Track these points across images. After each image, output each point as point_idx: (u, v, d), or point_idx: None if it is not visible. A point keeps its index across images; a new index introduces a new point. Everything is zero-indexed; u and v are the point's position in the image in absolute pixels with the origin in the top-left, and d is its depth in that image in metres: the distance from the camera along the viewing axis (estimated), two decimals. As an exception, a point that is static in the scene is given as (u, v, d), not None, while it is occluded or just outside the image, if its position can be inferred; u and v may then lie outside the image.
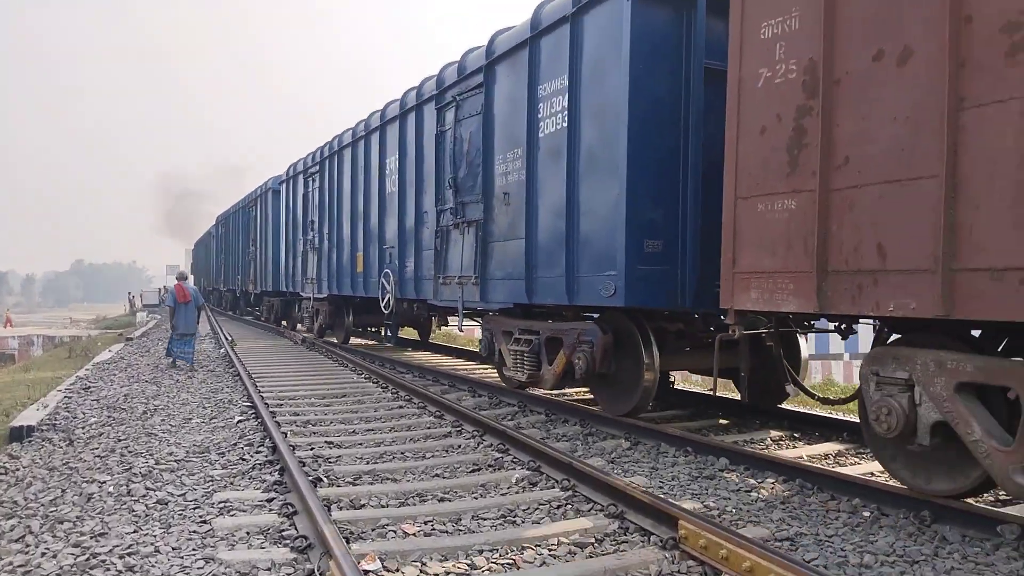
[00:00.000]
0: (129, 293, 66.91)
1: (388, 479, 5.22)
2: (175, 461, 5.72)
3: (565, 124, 7.07)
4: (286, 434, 6.49)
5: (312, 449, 6.03)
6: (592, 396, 7.94)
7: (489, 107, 8.60)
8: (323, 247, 15.91)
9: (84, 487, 5.06)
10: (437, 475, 5.37)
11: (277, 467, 5.41)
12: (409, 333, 17.14)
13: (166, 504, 4.64)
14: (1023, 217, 3.54)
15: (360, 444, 6.39)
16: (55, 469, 5.67)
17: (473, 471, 5.50)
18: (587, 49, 6.85)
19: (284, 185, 20.38)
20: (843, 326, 5.28)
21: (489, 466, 5.58)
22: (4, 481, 5.51)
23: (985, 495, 4.63)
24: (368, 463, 5.64)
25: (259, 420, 7.15)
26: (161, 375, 11.14)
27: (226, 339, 15.89)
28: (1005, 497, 4.65)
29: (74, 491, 5.00)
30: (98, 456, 6.01)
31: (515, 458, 5.71)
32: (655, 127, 6.26)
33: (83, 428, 7.13)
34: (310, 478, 4.91)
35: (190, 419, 7.51)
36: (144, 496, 4.81)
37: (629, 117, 6.23)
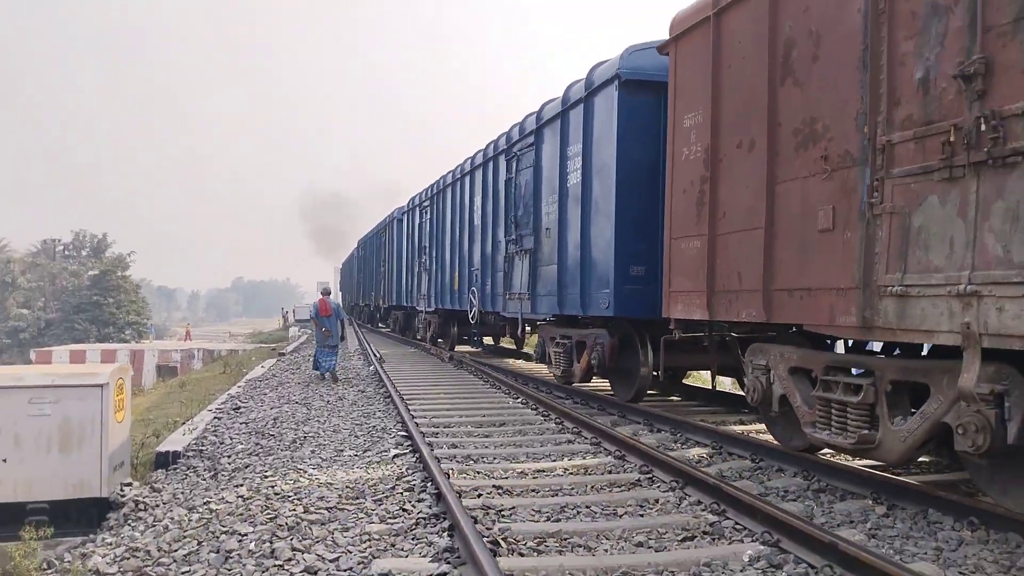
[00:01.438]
0: (283, 308, 73.23)
1: (579, 546, 4.29)
2: (326, 509, 5.06)
3: (580, 179, 9.34)
4: (448, 474, 5.64)
5: (480, 496, 5.24)
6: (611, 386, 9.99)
7: (538, 161, 10.99)
8: (432, 268, 18.83)
9: (223, 540, 4.62)
10: (640, 543, 4.35)
11: (445, 523, 4.65)
12: (508, 343, 19.69)
13: (315, 575, 4.00)
14: (803, 257, 5.49)
15: (534, 491, 5.48)
16: (195, 510, 5.48)
17: (685, 540, 4.43)
18: (595, 123, 9.10)
19: (406, 215, 23.67)
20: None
21: (705, 533, 4.53)
22: (142, 520, 5.59)
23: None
24: (550, 519, 4.78)
25: (417, 455, 6.47)
26: (311, 395, 10.95)
27: (375, 356, 15.81)
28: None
29: (211, 545, 4.61)
30: (241, 497, 5.60)
31: (737, 523, 4.63)
32: (636, 182, 8.41)
33: (229, 457, 7.04)
34: (486, 539, 4.11)
35: (342, 450, 7.04)
36: (290, 560, 4.17)
37: (616, 176, 8.43)
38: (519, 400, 10.08)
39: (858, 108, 4.96)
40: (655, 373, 8.99)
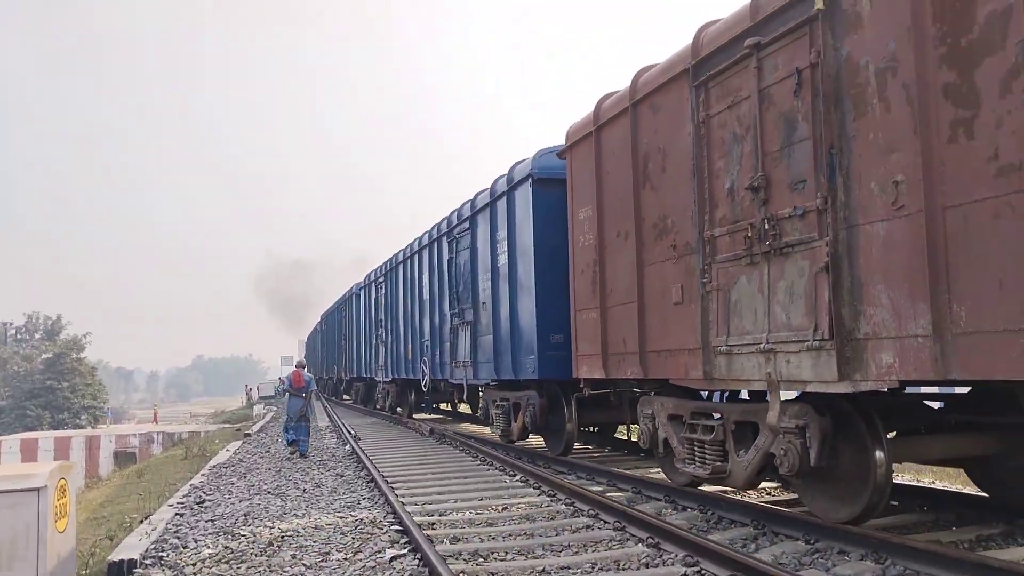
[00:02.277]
0: (247, 386, 70.33)
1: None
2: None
3: (507, 260, 10.75)
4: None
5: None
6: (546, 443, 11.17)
7: (474, 243, 12.42)
8: (388, 340, 20.00)
9: None
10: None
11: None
12: (465, 408, 20.76)
13: None
14: (664, 324, 6.87)
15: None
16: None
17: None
18: (517, 213, 10.58)
19: (363, 290, 24.91)
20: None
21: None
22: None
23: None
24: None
25: (419, 556, 5.48)
26: (285, 482, 9.65)
27: (349, 433, 14.97)
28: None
29: None
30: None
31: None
32: (552, 262, 9.79)
33: (194, 565, 5.79)
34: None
35: (328, 553, 5.85)
36: None
37: (535, 258, 9.85)
38: (517, 478, 8.83)
39: (692, 209, 6.44)
40: (582, 429, 10.26)
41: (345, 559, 5.69)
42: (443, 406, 21.85)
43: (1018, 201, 3.83)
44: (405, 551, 5.70)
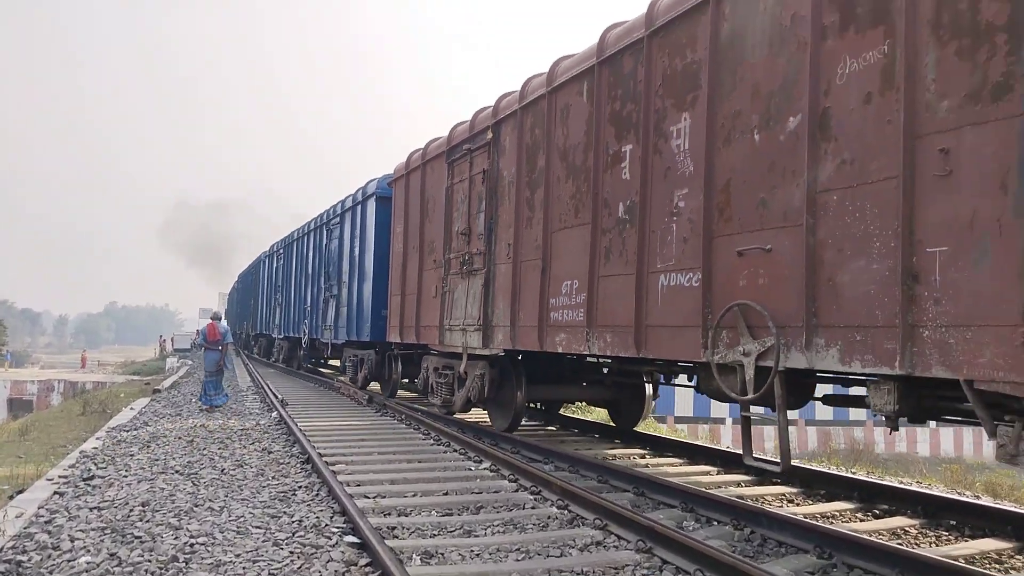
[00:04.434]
0: (160, 336, 67.44)
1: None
2: None
3: (359, 252, 14.51)
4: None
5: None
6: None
7: (341, 235, 16.10)
8: (283, 303, 23.49)
9: None
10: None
11: None
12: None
13: None
14: (426, 309, 10.77)
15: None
16: None
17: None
18: (366, 219, 14.31)
19: (268, 258, 28.19)
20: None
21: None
22: None
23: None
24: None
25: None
26: (199, 457, 7.63)
27: (275, 397, 12.89)
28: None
29: None
30: None
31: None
32: (384, 258, 13.59)
33: None
34: None
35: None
36: None
37: (374, 253, 13.63)
38: (484, 466, 7.17)
39: (442, 239, 10.34)
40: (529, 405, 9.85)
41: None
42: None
43: (529, 266, 7.87)
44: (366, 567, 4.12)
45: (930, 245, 3.85)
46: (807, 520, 4.82)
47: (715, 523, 5.16)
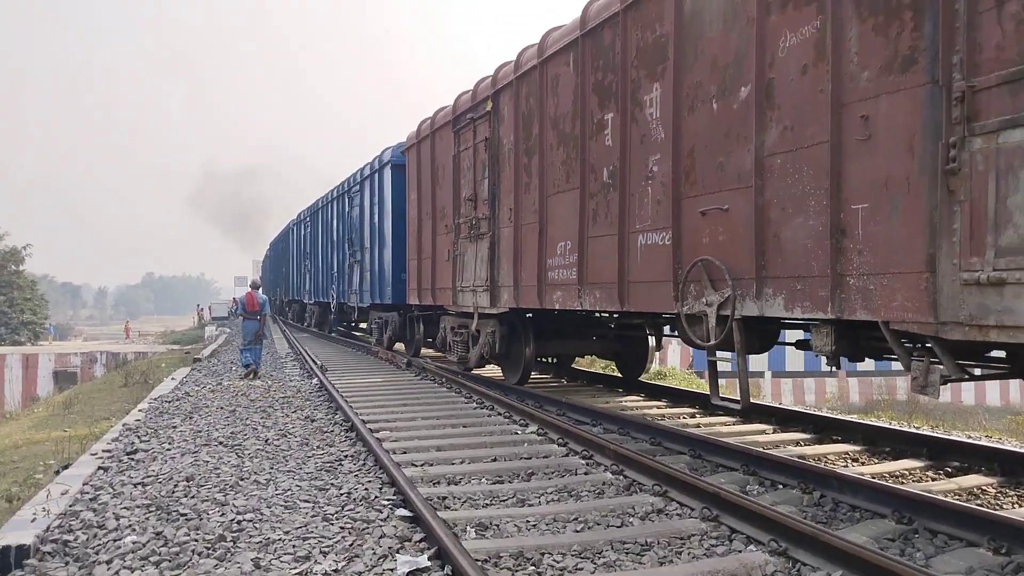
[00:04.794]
0: (198, 305, 68.94)
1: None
2: None
3: (378, 219, 15.15)
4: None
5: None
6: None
7: (362, 203, 16.74)
8: (312, 270, 24.35)
9: None
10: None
11: None
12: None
13: None
14: (441, 272, 11.40)
15: None
16: None
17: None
18: (384, 186, 14.90)
19: (296, 226, 29.04)
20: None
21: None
22: None
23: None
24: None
25: (453, 570, 3.62)
26: (242, 427, 7.61)
27: (314, 363, 13.21)
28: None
29: None
30: None
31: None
32: (402, 224, 14.21)
33: (108, 564, 3.89)
34: None
35: (308, 558, 3.88)
36: None
37: (392, 220, 14.25)
38: (530, 430, 7.03)
39: (452, 205, 10.90)
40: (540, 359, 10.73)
41: (335, 571, 3.74)
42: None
43: (528, 229, 8.41)
44: (426, 558, 3.80)
45: (854, 202, 4.34)
46: (881, 482, 4.51)
47: (780, 486, 4.91)
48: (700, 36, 5.67)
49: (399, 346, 15.63)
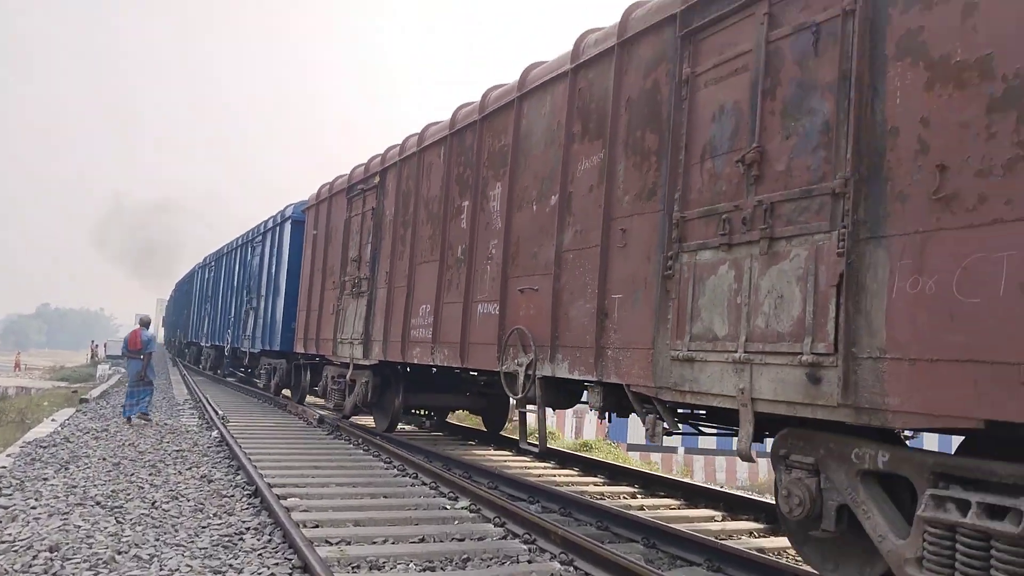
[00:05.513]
0: (92, 341, 61.90)
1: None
2: None
3: (275, 270, 16.00)
4: None
5: None
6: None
7: (262, 253, 17.55)
8: (211, 313, 24.66)
9: None
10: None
11: None
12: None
13: None
14: (323, 324, 12.34)
15: None
16: None
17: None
18: (283, 240, 15.82)
19: (200, 270, 29.26)
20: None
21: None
22: None
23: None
24: None
25: None
26: (126, 484, 6.72)
27: (215, 413, 12.52)
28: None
29: None
30: None
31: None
32: (294, 276, 15.10)
33: None
34: None
35: None
36: None
37: (287, 272, 15.14)
38: (460, 505, 6.48)
39: (340, 264, 11.95)
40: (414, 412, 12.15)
41: None
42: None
43: (399, 291, 9.57)
44: None
45: (614, 293, 5.70)
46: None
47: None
48: (529, 151, 7.08)
49: (286, 392, 16.30)
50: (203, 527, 5.39)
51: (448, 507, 6.43)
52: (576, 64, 6.44)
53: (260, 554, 4.79)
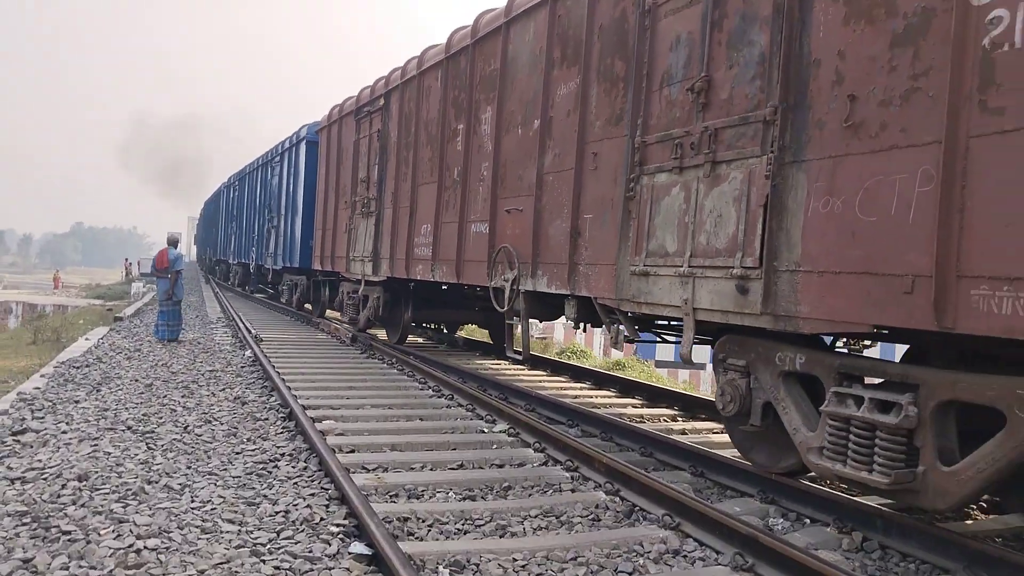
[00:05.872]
0: (126, 259, 63.96)
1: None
2: None
3: (293, 189, 16.56)
4: None
5: None
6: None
7: (280, 173, 18.09)
8: (236, 232, 25.47)
9: None
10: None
11: None
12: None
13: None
14: (334, 241, 12.97)
15: None
16: None
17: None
18: (299, 160, 16.31)
19: (226, 189, 29.90)
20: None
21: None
22: None
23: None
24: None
25: None
26: (157, 407, 6.62)
27: (248, 332, 12.13)
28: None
29: None
30: None
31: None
32: (310, 196, 15.66)
33: None
34: None
35: None
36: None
37: (304, 191, 15.70)
38: (497, 428, 6.35)
39: (351, 184, 12.45)
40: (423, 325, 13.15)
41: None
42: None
43: (403, 211, 10.07)
44: None
45: (585, 213, 6.15)
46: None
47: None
48: (516, 76, 7.41)
49: (308, 306, 17.14)
50: (236, 453, 5.23)
51: (486, 430, 6.27)
52: (556, -9, 6.70)
53: (295, 483, 4.63)
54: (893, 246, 3.70)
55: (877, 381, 4.07)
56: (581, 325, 6.97)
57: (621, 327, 5.86)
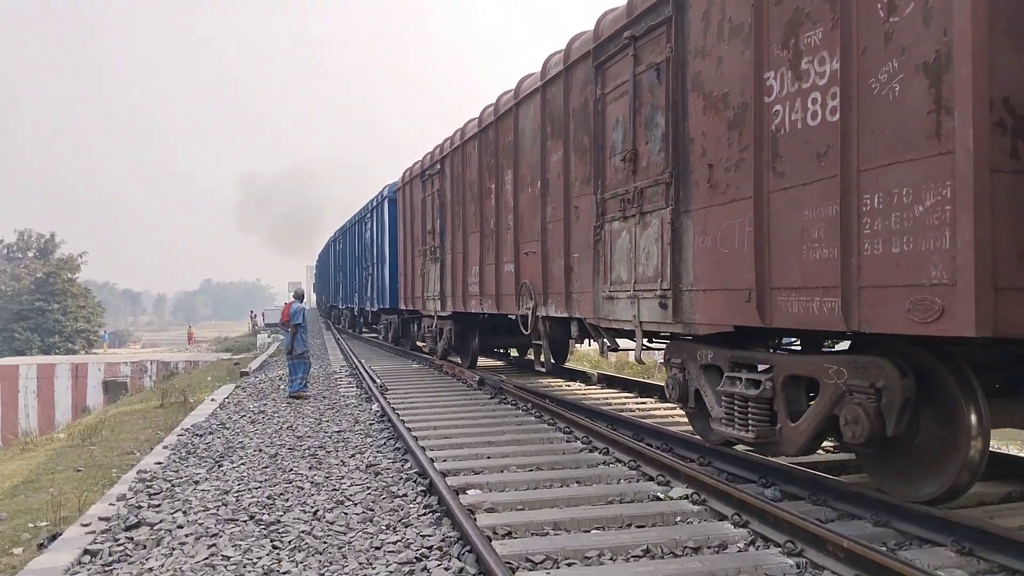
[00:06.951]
0: (251, 312, 66.22)
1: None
2: None
3: (380, 242, 19.01)
4: None
5: None
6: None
7: (372, 228, 20.67)
8: (343, 280, 28.43)
9: None
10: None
11: None
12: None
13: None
14: (417, 286, 15.12)
15: None
16: None
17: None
18: (385, 217, 18.74)
19: (334, 241, 33.18)
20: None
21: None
22: None
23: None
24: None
25: None
26: (283, 488, 6.01)
27: (372, 382, 11.59)
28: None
29: None
30: None
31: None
32: (394, 246, 17.99)
33: None
34: None
35: None
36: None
37: (389, 244, 18.08)
38: (680, 494, 5.26)
39: (421, 235, 14.60)
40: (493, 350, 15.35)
41: None
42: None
43: (458, 257, 12.10)
44: None
45: (574, 252, 7.89)
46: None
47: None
48: (524, 146, 9.28)
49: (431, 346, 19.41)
50: (375, 548, 4.50)
51: (661, 495, 5.29)
52: (544, 81, 8.55)
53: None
54: (738, 269, 5.26)
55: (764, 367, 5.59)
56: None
57: (605, 340, 7.53)
